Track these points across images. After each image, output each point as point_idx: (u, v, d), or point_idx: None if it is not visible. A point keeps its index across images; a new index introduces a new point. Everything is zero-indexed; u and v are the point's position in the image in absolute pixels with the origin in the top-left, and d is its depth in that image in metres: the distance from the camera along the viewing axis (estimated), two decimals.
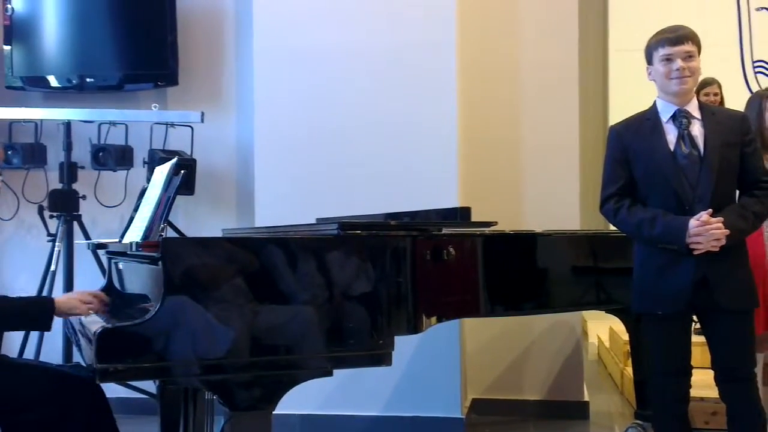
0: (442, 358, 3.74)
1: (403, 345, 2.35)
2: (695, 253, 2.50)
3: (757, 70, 6.75)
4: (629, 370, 3.85)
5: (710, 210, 2.49)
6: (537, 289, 2.99)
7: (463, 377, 3.89)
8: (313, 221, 3.26)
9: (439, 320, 2.54)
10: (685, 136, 2.59)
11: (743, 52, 6.92)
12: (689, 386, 2.65)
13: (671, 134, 2.61)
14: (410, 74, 3.81)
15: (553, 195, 4.15)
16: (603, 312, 3.60)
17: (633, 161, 2.66)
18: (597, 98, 7.10)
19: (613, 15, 7.07)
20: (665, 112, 2.64)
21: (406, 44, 3.81)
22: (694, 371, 2.66)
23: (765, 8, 6.73)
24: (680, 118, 2.61)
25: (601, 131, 6.98)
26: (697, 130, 2.60)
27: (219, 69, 4.41)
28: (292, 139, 3.89)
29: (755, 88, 6.45)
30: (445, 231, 2.67)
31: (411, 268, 2.32)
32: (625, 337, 3.87)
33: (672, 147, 2.59)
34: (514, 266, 2.89)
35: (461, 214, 2.74)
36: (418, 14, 3.81)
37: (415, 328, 2.34)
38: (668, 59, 2.59)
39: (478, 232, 2.76)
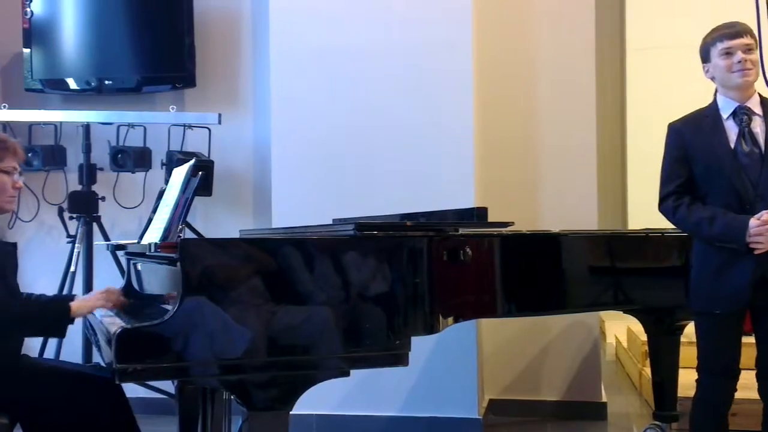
0: (459, 359, 3.73)
1: (420, 345, 2.35)
2: (755, 252, 2.48)
3: None
4: (647, 370, 3.81)
5: None
6: (554, 289, 2.97)
7: (480, 378, 3.88)
8: (330, 222, 3.27)
9: (456, 321, 2.53)
10: (745, 133, 2.56)
11: (762, 51, 6.81)
12: (735, 389, 2.63)
13: (732, 132, 2.58)
14: (426, 74, 3.81)
15: (570, 195, 4.13)
16: (621, 312, 3.58)
17: (693, 159, 2.62)
18: (614, 97, 7.05)
19: (630, 13, 7.01)
20: (725, 109, 2.61)
21: (422, 44, 3.81)
22: None
23: None
24: (741, 115, 2.58)
25: (618, 130, 6.95)
26: (758, 126, 2.57)
27: (236, 71, 4.44)
28: (308, 140, 3.90)
29: None
30: (461, 231, 2.66)
31: (428, 269, 2.32)
32: (643, 337, 3.84)
33: (732, 145, 2.56)
34: (531, 266, 2.88)
35: (478, 215, 2.73)
36: (434, 14, 3.80)
37: (432, 329, 2.33)
38: (728, 53, 2.57)
39: (495, 233, 2.75)
